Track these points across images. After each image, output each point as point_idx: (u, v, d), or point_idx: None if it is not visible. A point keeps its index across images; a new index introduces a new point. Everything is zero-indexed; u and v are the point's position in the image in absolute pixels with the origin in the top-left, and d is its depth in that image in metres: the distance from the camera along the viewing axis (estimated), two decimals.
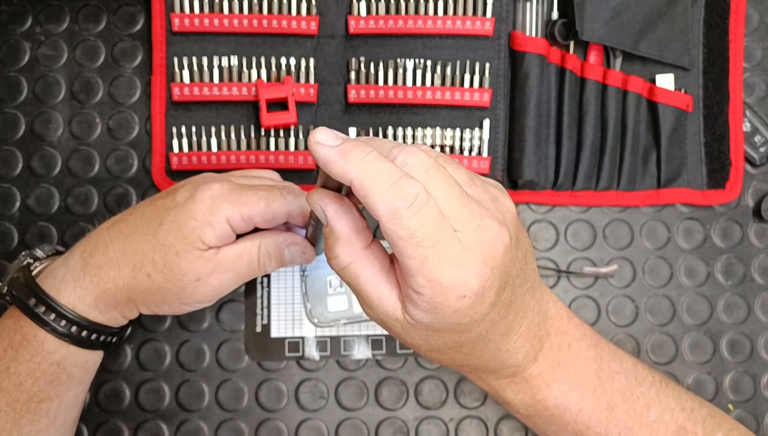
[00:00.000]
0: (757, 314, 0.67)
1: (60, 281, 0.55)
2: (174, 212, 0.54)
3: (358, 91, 0.66)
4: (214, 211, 0.53)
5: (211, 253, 0.54)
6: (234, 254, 0.55)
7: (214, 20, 0.66)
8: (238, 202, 0.54)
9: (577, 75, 0.67)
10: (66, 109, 0.68)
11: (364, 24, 0.66)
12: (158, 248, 0.54)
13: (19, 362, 0.54)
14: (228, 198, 0.54)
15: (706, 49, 0.69)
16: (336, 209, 0.43)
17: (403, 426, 0.66)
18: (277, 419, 0.66)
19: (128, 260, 0.54)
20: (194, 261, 0.54)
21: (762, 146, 0.68)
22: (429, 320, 0.43)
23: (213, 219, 0.53)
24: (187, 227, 0.53)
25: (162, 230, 0.54)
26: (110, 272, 0.54)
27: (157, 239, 0.54)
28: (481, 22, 0.66)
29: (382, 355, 0.66)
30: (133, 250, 0.54)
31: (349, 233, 0.44)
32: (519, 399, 0.52)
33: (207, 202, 0.54)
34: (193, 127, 0.67)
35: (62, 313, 0.54)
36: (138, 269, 0.54)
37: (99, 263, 0.54)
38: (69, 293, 0.54)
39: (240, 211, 0.54)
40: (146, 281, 0.54)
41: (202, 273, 0.54)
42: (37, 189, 0.68)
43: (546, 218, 0.68)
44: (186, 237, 0.53)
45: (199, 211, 0.53)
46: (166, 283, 0.54)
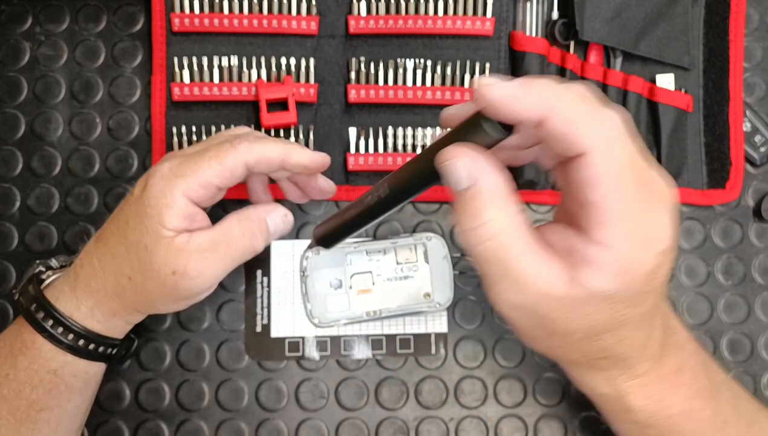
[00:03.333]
0: (758, 314, 0.67)
1: (59, 290, 0.55)
2: (134, 207, 0.52)
3: (359, 91, 0.66)
4: (166, 190, 0.50)
5: (181, 240, 0.51)
6: (210, 239, 0.52)
7: (215, 20, 0.66)
8: (189, 172, 0.51)
9: (577, 75, 0.67)
10: (66, 109, 0.68)
11: (365, 24, 0.66)
12: (130, 248, 0.52)
13: (18, 369, 0.54)
14: (178, 171, 0.51)
15: (706, 49, 0.69)
16: (489, 163, 0.38)
17: (403, 426, 0.66)
18: (277, 419, 0.66)
19: (109, 267, 0.54)
20: (165, 252, 0.51)
21: (762, 146, 0.68)
22: (614, 287, 0.38)
23: (168, 199, 0.50)
24: (147, 217, 0.51)
25: (129, 228, 0.52)
26: (97, 281, 0.54)
27: (127, 239, 0.52)
28: (481, 22, 0.66)
29: (382, 355, 0.66)
30: (112, 256, 0.53)
31: (504, 191, 0.38)
32: (647, 405, 0.46)
33: (159, 184, 0.51)
34: (194, 127, 0.67)
35: (60, 320, 0.54)
36: (119, 274, 0.53)
37: (87, 274, 0.54)
38: (66, 302, 0.54)
39: (196, 181, 0.50)
40: (129, 284, 0.53)
41: (177, 265, 0.51)
42: (37, 189, 0.68)
43: (546, 218, 0.68)
44: (149, 228, 0.51)
45: (153, 197, 0.51)
46: (147, 281, 0.52)
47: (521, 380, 0.66)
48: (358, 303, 0.63)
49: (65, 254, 0.67)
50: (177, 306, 0.56)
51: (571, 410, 0.66)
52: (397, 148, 0.67)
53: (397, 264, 0.63)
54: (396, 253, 0.64)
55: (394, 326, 0.66)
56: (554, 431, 0.66)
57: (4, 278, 0.67)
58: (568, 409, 0.66)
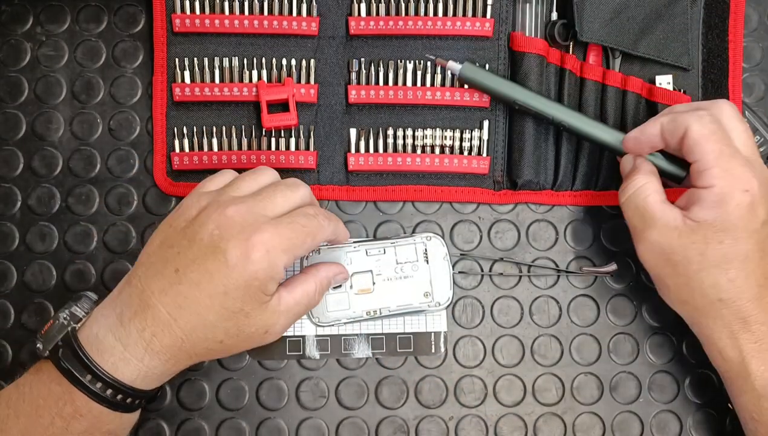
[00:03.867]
0: None
1: (119, 358, 0.53)
2: (234, 278, 0.52)
3: (359, 91, 0.66)
4: (273, 266, 0.53)
5: (274, 303, 0.55)
6: (294, 301, 0.57)
7: (215, 21, 0.66)
8: (291, 248, 0.54)
9: (577, 75, 0.67)
10: (67, 110, 0.69)
11: (365, 25, 0.66)
12: (228, 316, 0.53)
13: (71, 433, 0.53)
14: (281, 246, 0.53)
15: (705, 49, 0.69)
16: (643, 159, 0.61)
17: (403, 425, 0.66)
18: (277, 418, 0.66)
19: (198, 335, 0.53)
20: (262, 315, 0.55)
21: (761, 146, 0.68)
22: (712, 216, 0.54)
23: (274, 272, 0.53)
24: (252, 288, 0.53)
25: (228, 298, 0.53)
26: (181, 350, 0.54)
27: (225, 308, 0.53)
28: (480, 23, 0.66)
29: (382, 354, 0.66)
30: (202, 324, 0.53)
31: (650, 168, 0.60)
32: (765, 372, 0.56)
33: (265, 259, 0.52)
34: (195, 128, 0.67)
35: (121, 389, 0.53)
36: (210, 340, 0.54)
37: (166, 343, 0.53)
38: (131, 371, 0.53)
39: (295, 256, 0.54)
40: (219, 346, 0.55)
41: (269, 324, 0.55)
42: (38, 189, 0.68)
43: (545, 218, 0.68)
44: (252, 297, 0.53)
45: (261, 271, 0.52)
46: (239, 342, 0.55)
47: (521, 379, 0.67)
48: (358, 303, 0.64)
49: (66, 254, 0.67)
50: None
51: (571, 409, 0.66)
52: (398, 148, 0.67)
53: (397, 264, 0.64)
54: (396, 253, 0.64)
55: (394, 326, 0.66)
56: (553, 429, 0.66)
57: (4, 279, 0.67)
58: (568, 407, 0.66)
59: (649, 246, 0.58)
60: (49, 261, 0.67)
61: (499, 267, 0.68)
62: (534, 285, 0.67)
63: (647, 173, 0.59)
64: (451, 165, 0.67)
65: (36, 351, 0.55)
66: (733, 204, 0.54)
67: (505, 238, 0.68)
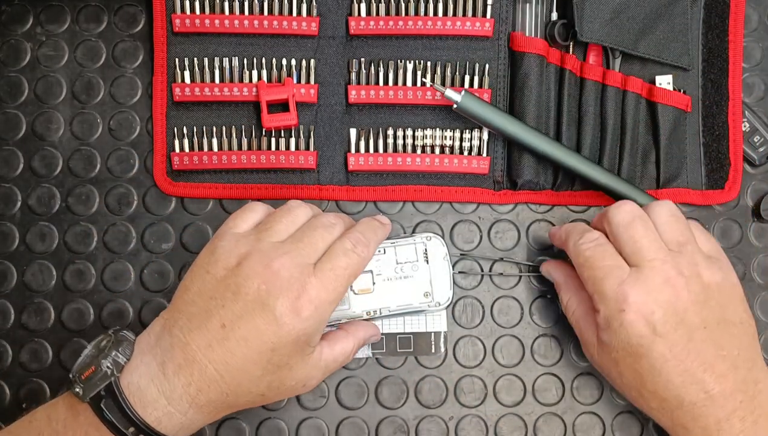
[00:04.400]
0: (757, 314, 0.68)
1: (163, 413, 0.52)
2: (284, 335, 0.53)
3: (359, 91, 0.66)
4: (321, 320, 0.54)
5: (316, 357, 0.56)
6: (333, 358, 0.58)
7: (215, 21, 0.66)
8: (337, 298, 0.55)
9: (577, 75, 0.67)
10: (67, 110, 0.69)
11: (365, 25, 0.66)
12: (273, 370, 0.54)
13: None
14: (329, 299, 0.54)
15: (705, 49, 0.69)
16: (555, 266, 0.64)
17: (403, 425, 0.66)
18: (277, 418, 0.66)
19: (243, 389, 0.54)
20: (304, 369, 0.56)
21: (761, 146, 0.68)
22: (608, 338, 0.56)
23: (322, 326, 0.55)
24: (299, 343, 0.54)
25: (276, 354, 0.53)
26: (224, 403, 0.54)
27: (272, 363, 0.53)
28: (480, 23, 0.66)
29: (382, 354, 0.66)
30: (248, 380, 0.53)
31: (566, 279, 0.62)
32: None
33: (315, 316, 0.53)
34: (194, 128, 0.67)
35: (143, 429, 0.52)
36: (253, 393, 0.55)
37: (212, 398, 0.53)
38: (173, 425, 0.53)
39: (339, 301, 0.56)
40: (259, 399, 0.56)
41: (308, 378, 0.57)
42: (38, 189, 0.68)
43: (545, 218, 0.68)
44: (299, 351, 0.54)
45: (310, 327, 0.53)
46: (280, 395, 0.57)
47: (521, 379, 0.67)
48: (358, 302, 0.64)
49: (66, 254, 0.67)
50: None
51: (571, 409, 0.66)
52: (398, 148, 0.67)
53: (396, 264, 0.64)
54: (396, 253, 0.64)
55: (394, 326, 0.66)
56: (553, 429, 0.66)
57: (4, 279, 0.67)
58: (568, 407, 0.66)
59: (594, 364, 0.61)
60: (49, 261, 0.67)
61: (499, 267, 0.68)
62: (534, 285, 0.67)
63: (566, 289, 0.62)
64: (451, 165, 0.67)
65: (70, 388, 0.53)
66: (615, 325, 0.55)
67: (505, 238, 0.68)
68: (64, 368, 0.66)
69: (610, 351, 0.56)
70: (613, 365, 0.57)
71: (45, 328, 0.67)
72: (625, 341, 0.54)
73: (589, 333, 0.59)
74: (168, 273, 0.67)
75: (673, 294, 0.54)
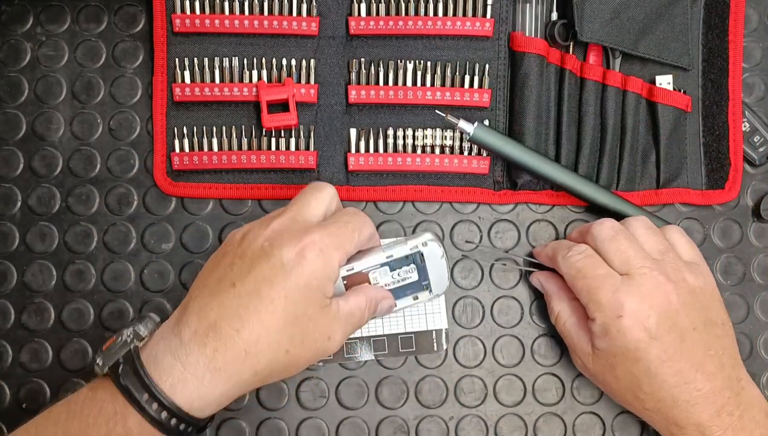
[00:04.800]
0: (757, 314, 0.68)
1: (178, 379, 0.51)
2: (294, 280, 0.52)
3: (359, 91, 0.66)
4: (328, 263, 0.53)
5: (334, 308, 0.55)
6: (349, 310, 0.57)
7: (215, 21, 0.66)
8: (341, 245, 0.55)
9: (577, 75, 0.67)
10: (67, 110, 0.69)
11: (365, 25, 0.66)
12: (293, 322, 0.52)
13: None
14: (333, 244, 0.54)
15: (705, 49, 0.69)
16: (546, 277, 0.65)
17: (404, 425, 0.66)
18: (277, 418, 0.66)
19: (262, 345, 0.52)
20: (325, 320, 0.54)
21: (761, 146, 0.68)
22: (604, 345, 0.58)
23: (330, 271, 0.54)
24: (312, 289, 0.53)
25: (290, 302, 0.52)
26: (245, 364, 0.52)
27: (288, 313, 0.52)
28: (480, 23, 0.66)
29: (385, 355, 0.66)
30: (266, 333, 0.52)
31: (557, 290, 0.63)
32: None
33: (320, 258, 0.53)
34: (195, 128, 0.67)
35: (176, 414, 0.51)
36: (274, 350, 0.52)
37: (229, 358, 0.51)
38: (189, 393, 0.51)
39: (346, 252, 0.55)
40: (285, 357, 0.53)
41: (332, 330, 0.55)
42: (38, 189, 0.68)
43: (545, 218, 0.68)
44: (313, 299, 0.53)
45: (318, 270, 0.53)
46: (305, 351, 0.54)
47: (521, 379, 0.67)
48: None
49: (66, 254, 0.67)
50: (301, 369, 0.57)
51: (571, 409, 0.66)
52: (398, 148, 0.67)
53: (392, 270, 0.62)
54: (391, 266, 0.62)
55: (395, 326, 0.66)
56: (554, 429, 0.66)
57: (4, 279, 0.67)
58: (568, 407, 0.66)
59: (585, 372, 0.63)
60: (49, 261, 0.67)
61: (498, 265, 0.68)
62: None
63: (558, 300, 0.63)
64: (451, 165, 0.67)
65: (94, 369, 0.53)
66: (613, 332, 0.57)
67: (505, 238, 0.68)
68: (64, 368, 0.66)
69: (607, 357, 0.58)
70: (609, 371, 0.59)
71: (45, 328, 0.67)
72: (622, 346, 0.57)
73: (583, 342, 0.60)
74: (168, 273, 0.67)
75: (664, 298, 0.57)
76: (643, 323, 0.56)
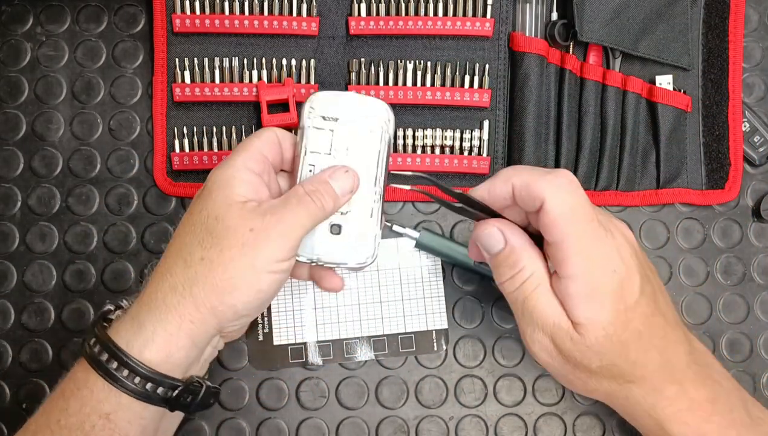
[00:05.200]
0: (757, 314, 0.68)
1: (120, 322, 0.51)
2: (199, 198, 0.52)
3: (359, 91, 0.66)
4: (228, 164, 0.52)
5: (252, 204, 0.51)
6: (279, 200, 0.52)
7: (215, 21, 0.66)
8: (241, 148, 0.53)
9: (577, 75, 0.67)
10: (67, 110, 0.69)
11: (365, 25, 0.66)
12: (200, 228, 0.51)
13: (69, 414, 0.50)
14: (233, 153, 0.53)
15: (705, 49, 0.69)
16: (515, 228, 0.50)
17: (404, 425, 0.66)
18: (277, 418, 0.66)
19: (175, 263, 0.51)
20: (239, 213, 0.50)
21: (761, 146, 0.68)
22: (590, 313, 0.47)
23: (232, 170, 0.52)
24: (214, 191, 0.51)
25: (194, 214, 0.52)
26: (162, 291, 0.51)
27: (194, 223, 0.51)
28: (480, 23, 0.66)
29: (385, 355, 0.66)
30: (177, 251, 0.51)
31: (528, 245, 0.50)
32: (684, 432, 0.51)
33: (220, 168, 0.52)
34: (195, 128, 0.67)
35: (114, 352, 0.49)
36: (189, 262, 0.50)
37: (150, 292, 0.51)
38: (125, 334, 0.50)
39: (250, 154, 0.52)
40: (201, 266, 0.50)
41: (254, 221, 0.50)
42: (38, 189, 0.68)
43: None
44: (218, 200, 0.51)
45: (217, 175, 0.52)
46: (223, 251, 0.50)
47: (521, 379, 0.67)
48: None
49: (66, 254, 0.67)
50: (258, 288, 0.51)
51: (571, 409, 0.66)
52: (398, 148, 0.67)
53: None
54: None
55: (395, 326, 0.66)
56: (554, 429, 0.66)
57: (4, 279, 0.67)
58: (568, 408, 0.66)
59: (543, 352, 0.51)
60: (49, 261, 0.67)
61: None
62: None
63: (529, 252, 0.50)
64: (452, 165, 0.67)
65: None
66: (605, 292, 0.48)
67: None
68: (64, 368, 0.66)
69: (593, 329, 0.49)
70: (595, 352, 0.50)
71: (45, 328, 0.67)
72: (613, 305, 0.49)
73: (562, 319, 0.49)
74: None
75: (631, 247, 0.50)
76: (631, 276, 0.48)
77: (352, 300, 0.67)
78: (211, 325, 0.51)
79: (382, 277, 0.67)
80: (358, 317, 0.67)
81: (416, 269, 0.67)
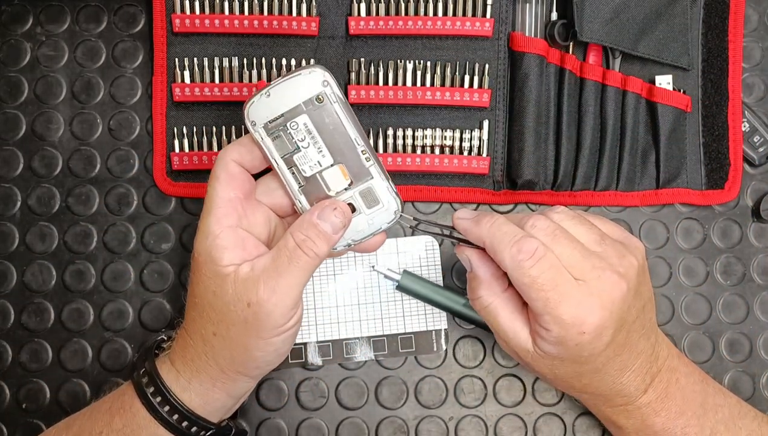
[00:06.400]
0: (756, 314, 0.68)
1: (163, 361, 0.56)
2: (195, 272, 0.54)
3: (359, 91, 0.66)
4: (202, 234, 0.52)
5: (244, 270, 0.51)
6: (271, 258, 0.52)
7: (215, 21, 0.66)
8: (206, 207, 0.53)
9: (577, 75, 0.67)
10: (67, 110, 0.69)
11: (365, 25, 0.66)
12: (202, 303, 0.53)
13: (112, 429, 0.55)
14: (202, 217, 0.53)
15: (705, 49, 0.69)
16: (478, 259, 0.55)
17: (403, 425, 0.66)
18: (277, 418, 0.66)
19: (194, 332, 0.55)
20: (233, 288, 0.51)
21: (761, 146, 0.68)
22: (555, 352, 0.53)
23: (210, 239, 0.52)
24: (202, 266, 0.52)
25: (192, 287, 0.54)
26: (190, 350, 0.55)
27: (195, 297, 0.54)
28: (480, 23, 0.66)
29: (384, 355, 0.66)
30: (191, 320, 0.55)
31: (490, 278, 0.55)
32: (630, 424, 0.58)
33: (197, 239, 0.53)
34: (194, 128, 0.67)
35: (160, 387, 0.54)
36: (204, 334, 0.54)
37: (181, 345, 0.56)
38: (167, 373, 0.55)
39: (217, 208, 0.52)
40: (216, 340, 0.53)
41: (249, 295, 0.51)
42: (38, 189, 0.68)
43: None
44: (208, 275, 0.52)
45: (197, 248, 0.53)
46: (230, 327, 0.52)
47: (520, 380, 0.67)
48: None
49: (66, 254, 0.67)
50: (275, 348, 0.54)
51: (570, 409, 0.66)
52: (397, 148, 0.67)
53: None
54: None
55: (395, 326, 0.66)
56: (553, 430, 0.66)
57: (4, 279, 0.67)
58: (568, 408, 0.66)
59: (514, 356, 0.57)
60: (49, 261, 0.67)
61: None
62: None
63: (488, 284, 0.55)
64: (451, 165, 0.67)
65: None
66: (572, 345, 0.52)
67: None
68: (64, 368, 0.66)
69: (552, 359, 0.54)
70: (549, 368, 0.55)
71: (45, 328, 0.67)
72: (576, 354, 0.53)
73: (520, 338, 0.55)
74: (168, 273, 0.67)
75: (621, 300, 0.52)
76: (602, 334, 0.52)
77: (352, 300, 0.67)
78: (242, 381, 0.56)
79: (382, 277, 0.67)
80: (358, 317, 0.67)
81: (416, 269, 0.67)
